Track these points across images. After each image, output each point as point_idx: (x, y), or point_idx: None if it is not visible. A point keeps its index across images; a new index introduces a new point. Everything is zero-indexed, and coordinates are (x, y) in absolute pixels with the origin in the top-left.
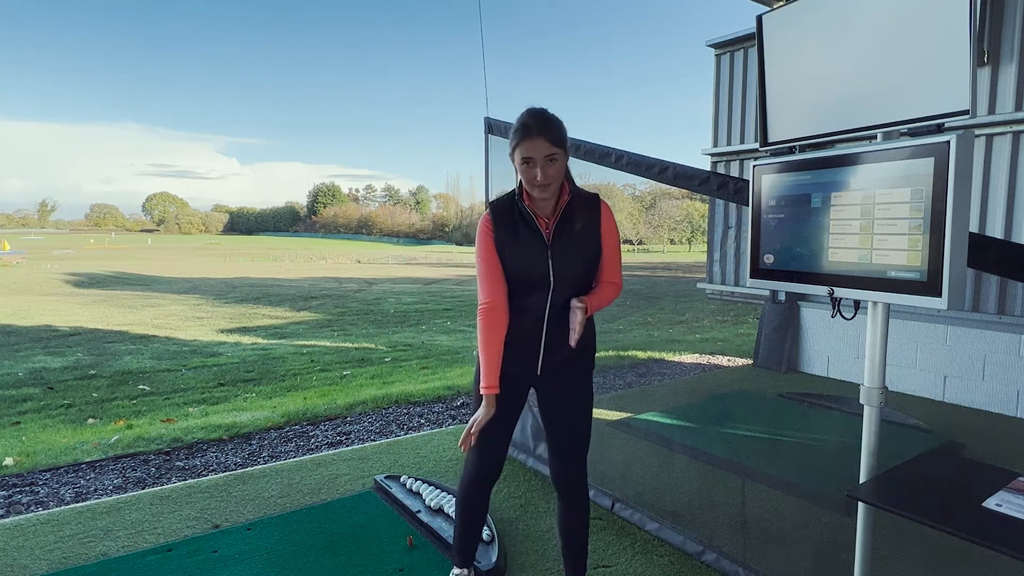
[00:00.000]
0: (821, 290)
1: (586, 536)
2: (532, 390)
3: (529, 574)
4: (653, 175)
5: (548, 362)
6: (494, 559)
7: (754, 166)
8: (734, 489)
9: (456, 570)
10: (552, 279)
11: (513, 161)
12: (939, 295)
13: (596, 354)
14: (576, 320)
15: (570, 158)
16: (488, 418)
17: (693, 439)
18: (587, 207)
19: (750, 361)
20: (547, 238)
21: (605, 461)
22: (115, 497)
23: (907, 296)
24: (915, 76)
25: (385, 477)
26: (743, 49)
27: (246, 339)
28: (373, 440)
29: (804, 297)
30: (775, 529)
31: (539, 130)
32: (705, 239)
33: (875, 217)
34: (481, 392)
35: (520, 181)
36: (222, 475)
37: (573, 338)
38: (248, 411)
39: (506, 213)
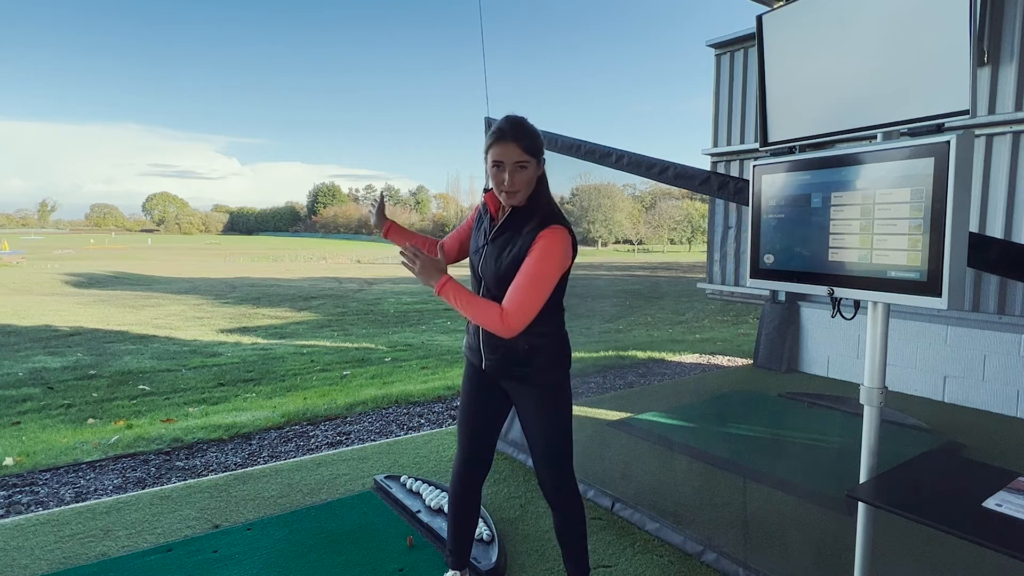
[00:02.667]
0: (821, 290)
1: (582, 540)
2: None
3: (529, 574)
4: (653, 175)
5: (489, 360)
6: (494, 559)
7: (754, 166)
8: (734, 489)
9: (451, 572)
10: (481, 273)
11: (485, 162)
12: (939, 295)
13: (583, 354)
14: (413, 258)
15: (571, 158)
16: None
17: (693, 439)
18: (537, 225)
19: (750, 361)
20: (488, 235)
21: (605, 461)
22: (115, 497)
23: (907, 296)
24: (915, 76)
25: (385, 477)
26: (743, 49)
27: (246, 339)
28: (373, 440)
29: (804, 297)
30: (775, 529)
31: (514, 136)
32: (705, 239)
33: (875, 217)
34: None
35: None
36: (222, 475)
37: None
38: (248, 411)
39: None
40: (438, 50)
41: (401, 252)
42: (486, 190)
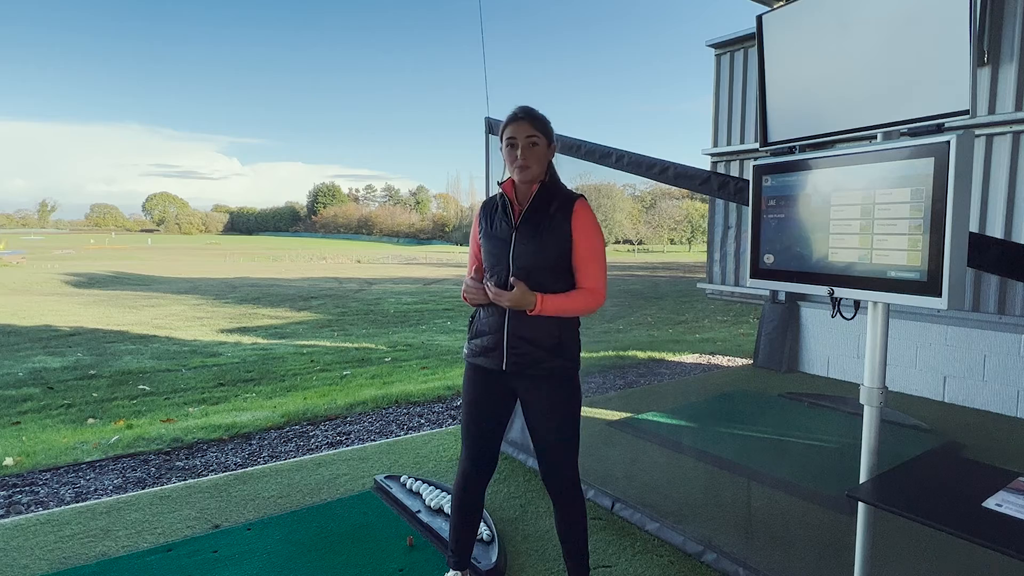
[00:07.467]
0: (821, 290)
1: (584, 537)
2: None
3: (529, 574)
4: (653, 175)
5: (513, 356)
6: (494, 559)
7: (754, 166)
8: (735, 489)
9: (452, 572)
10: (511, 262)
11: (502, 151)
12: (939, 295)
13: (583, 354)
14: (502, 291)
15: (571, 158)
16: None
17: (694, 439)
18: (563, 202)
19: (750, 361)
20: (514, 221)
21: (605, 461)
22: (115, 497)
23: (907, 296)
24: (915, 76)
25: (385, 477)
26: (743, 49)
27: (246, 339)
28: (373, 440)
29: (804, 297)
30: (775, 528)
31: (524, 116)
32: (705, 239)
33: (875, 217)
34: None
35: (505, 175)
36: (222, 475)
37: (489, 288)
38: (248, 411)
39: (491, 203)
40: (439, 49)
41: (470, 293)
42: (500, 183)
